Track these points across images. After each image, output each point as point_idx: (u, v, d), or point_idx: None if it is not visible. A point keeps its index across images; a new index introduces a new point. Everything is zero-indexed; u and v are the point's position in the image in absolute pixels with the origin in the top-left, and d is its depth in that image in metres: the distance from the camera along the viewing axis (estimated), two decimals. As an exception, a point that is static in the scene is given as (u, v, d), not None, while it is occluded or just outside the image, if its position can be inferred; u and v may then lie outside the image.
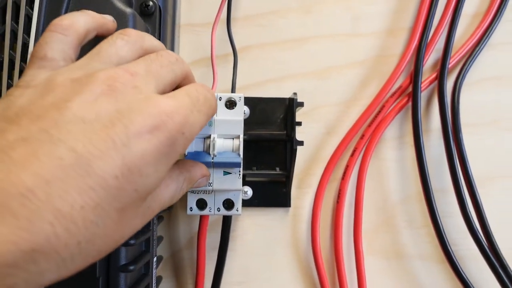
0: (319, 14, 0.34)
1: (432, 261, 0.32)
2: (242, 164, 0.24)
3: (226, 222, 0.29)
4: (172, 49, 0.30)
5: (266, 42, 0.33)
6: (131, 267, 0.22)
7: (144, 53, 0.21)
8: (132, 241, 0.22)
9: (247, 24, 0.33)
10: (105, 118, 0.16)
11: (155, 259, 0.27)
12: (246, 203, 0.31)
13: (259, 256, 0.32)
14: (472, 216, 0.31)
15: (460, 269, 0.31)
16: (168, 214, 0.32)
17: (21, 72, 0.22)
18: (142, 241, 0.25)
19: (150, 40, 0.21)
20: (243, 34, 0.33)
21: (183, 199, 0.30)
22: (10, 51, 0.22)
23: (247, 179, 0.31)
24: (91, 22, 0.21)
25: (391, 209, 0.33)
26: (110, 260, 0.22)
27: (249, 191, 0.31)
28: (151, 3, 0.26)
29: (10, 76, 0.22)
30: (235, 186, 0.24)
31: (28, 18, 0.22)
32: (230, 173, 0.24)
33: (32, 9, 0.22)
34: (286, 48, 0.33)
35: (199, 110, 0.19)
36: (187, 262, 0.32)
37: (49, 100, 0.17)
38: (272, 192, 0.32)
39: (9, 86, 0.22)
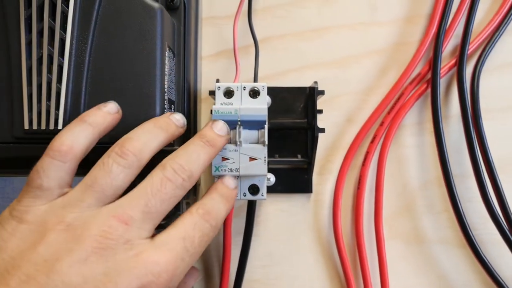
0: (337, 4, 0.34)
1: (452, 246, 0.33)
2: (267, 150, 0.25)
3: (251, 207, 0.30)
4: (196, 42, 0.31)
5: (286, 33, 0.34)
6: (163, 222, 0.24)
7: (143, 165, 0.21)
8: (163, 222, 0.24)
9: (267, 16, 0.34)
10: (91, 283, 0.17)
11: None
12: (269, 190, 0.32)
13: (282, 241, 0.33)
14: (493, 201, 0.31)
15: (481, 253, 0.31)
16: (194, 200, 0.33)
17: (59, 66, 0.24)
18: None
19: (149, 148, 0.21)
20: (263, 26, 0.34)
21: (210, 176, 0.32)
22: (49, 47, 0.24)
23: (270, 166, 0.32)
24: (91, 136, 0.21)
25: (411, 194, 0.33)
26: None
27: (272, 178, 0.32)
28: (176, -3, 0.27)
29: (49, 71, 0.24)
30: (260, 171, 0.25)
31: (64, 15, 0.24)
32: (256, 159, 0.25)
33: (67, 6, 0.23)
34: (306, 38, 0.34)
35: (192, 254, 0.20)
36: (214, 246, 0.33)
37: (40, 254, 0.17)
38: (294, 179, 0.33)
39: (49, 80, 0.24)
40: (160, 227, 0.25)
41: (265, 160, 0.25)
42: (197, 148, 0.22)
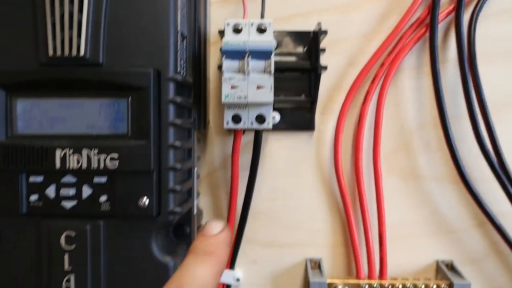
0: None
1: (446, 182, 0.35)
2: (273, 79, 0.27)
3: (257, 142, 0.32)
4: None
5: (292, -21, 0.35)
6: (178, 165, 0.26)
7: None
8: (178, 144, 0.26)
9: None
10: None
11: (196, 169, 0.31)
12: (274, 128, 0.34)
13: (286, 176, 0.35)
14: (485, 140, 0.33)
15: (473, 189, 0.33)
16: (204, 136, 0.35)
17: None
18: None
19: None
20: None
21: (220, 113, 0.34)
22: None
23: (275, 105, 0.34)
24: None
25: (408, 134, 0.35)
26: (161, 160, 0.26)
27: (277, 116, 0.34)
28: None
29: (71, 1, 0.25)
30: (267, 99, 0.27)
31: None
32: (263, 87, 0.27)
33: None
34: (310, -15, 0.35)
35: None
36: (222, 180, 0.35)
37: None
38: (298, 117, 0.35)
39: (70, 10, 0.25)
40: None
41: (271, 88, 0.27)
42: (192, 264, 0.21)
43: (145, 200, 0.26)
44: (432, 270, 0.35)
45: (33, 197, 0.26)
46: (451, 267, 0.35)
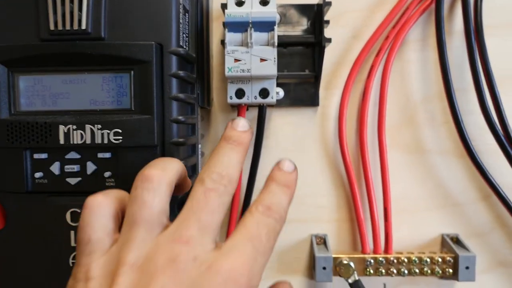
0: None
1: (451, 156, 0.35)
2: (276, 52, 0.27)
3: (261, 117, 0.32)
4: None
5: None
6: (182, 140, 0.26)
7: (174, 184, 0.21)
8: (182, 118, 0.26)
9: None
10: None
11: (200, 146, 0.31)
12: (278, 103, 0.34)
13: (290, 152, 0.35)
14: (491, 112, 0.33)
15: (479, 161, 0.33)
16: (208, 114, 0.35)
17: None
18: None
19: (172, 170, 0.21)
20: None
21: (224, 90, 0.33)
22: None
23: (279, 81, 0.34)
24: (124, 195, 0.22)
25: (413, 107, 0.35)
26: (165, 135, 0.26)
27: (280, 92, 0.34)
28: None
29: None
30: (270, 71, 0.27)
31: None
32: (266, 60, 0.27)
33: None
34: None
35: (263, 252, 0.20)
36: (226, 157, 0.35)
37: None
38: (302, 93, 0.34)
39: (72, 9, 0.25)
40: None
41: (274, 61, 0.27)
42: (226, 151, 0.22)
43: (150, 175, 0.25)
44: (437, 244, 0.35)
45: (38, 174, 0.26)
46: (456, 240, 0.35)
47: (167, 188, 0.21)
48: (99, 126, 0.25)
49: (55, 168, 0.26)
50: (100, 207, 0.21)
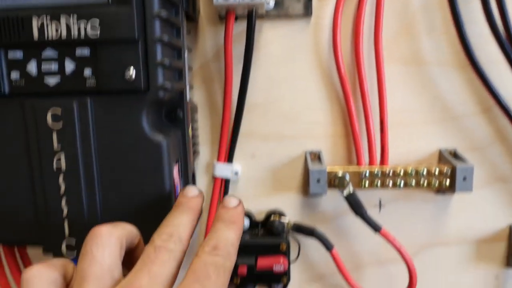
0: None
1: (450, 67, 0.33)
2: None
3: (251, 25, 0.30)
4: None
5: None
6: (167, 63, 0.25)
7: (125, 241, 0.22)
8: (165, 38, 0.24)
9: None
10: None
11: (187, 67, 0.30)
12: (268, 15, 0.32)
13: (282, 65, 0.33)
14: (495, 20, 0.31)
15: (481, 71, 0.32)
16: (195, 27, 0.33)
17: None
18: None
19: (124, 228, 0.22)
20: None
21: (211, 5, 0.31)
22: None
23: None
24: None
25: (412, 15, 0.33)
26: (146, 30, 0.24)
27: (271, 2, 0.32)
28: None
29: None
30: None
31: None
32: None
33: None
34: None
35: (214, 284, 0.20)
36: (215, 73, 0.34)
37: None
38: (294, 3, 0.32)
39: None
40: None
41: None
42: (177, 215, 0.24)
43: (132, 72, 0.24)
44: (434, 158, 0.34)
45: (15, 75, 0.25)
46: (454, 154, 0.34)
47: (117, 242, 0.21)
48: (75, 17, 0.23)
49: (31, 67, 0.25)
50: (36, 277, 0.21)
